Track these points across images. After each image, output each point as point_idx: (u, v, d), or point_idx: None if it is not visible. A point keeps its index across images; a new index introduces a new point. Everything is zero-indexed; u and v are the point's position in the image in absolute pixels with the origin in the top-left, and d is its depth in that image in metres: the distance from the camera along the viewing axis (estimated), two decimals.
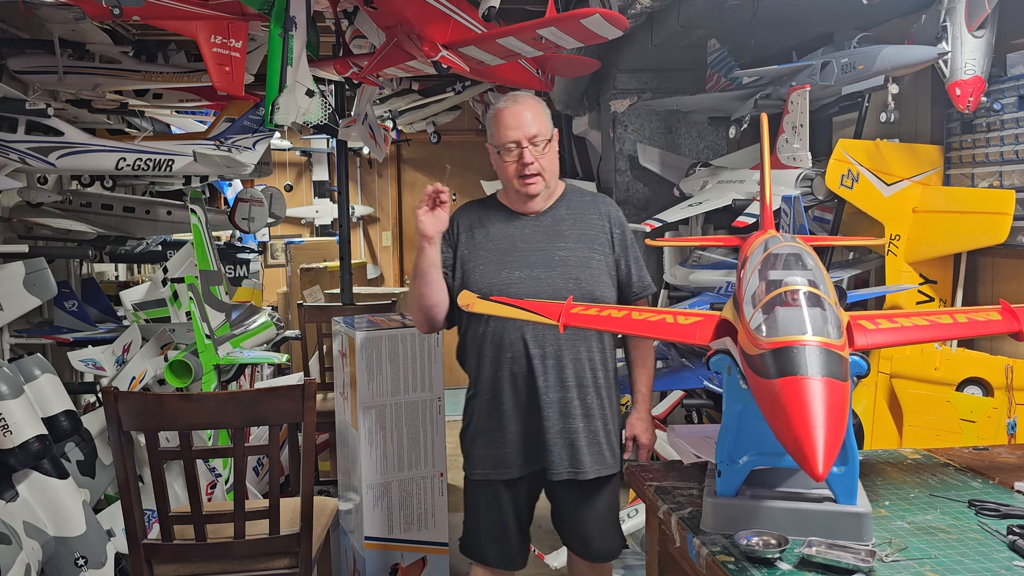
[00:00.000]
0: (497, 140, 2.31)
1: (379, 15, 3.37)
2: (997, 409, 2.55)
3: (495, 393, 2.31)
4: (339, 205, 5.09)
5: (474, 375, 2.37)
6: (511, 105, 2.30)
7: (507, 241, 2.34)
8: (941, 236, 2.82)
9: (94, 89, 3.99)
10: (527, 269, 2.29)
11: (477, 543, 2.43)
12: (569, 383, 2.29)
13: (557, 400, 2.28)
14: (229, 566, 2.35)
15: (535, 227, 2.35)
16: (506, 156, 2.29)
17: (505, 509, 2.37)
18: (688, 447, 1.96)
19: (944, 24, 2.60)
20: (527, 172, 2.27)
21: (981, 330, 1.63)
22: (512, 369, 2.28)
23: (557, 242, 2.33)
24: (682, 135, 4.57)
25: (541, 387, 2.26)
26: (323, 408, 3.66)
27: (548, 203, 2.39)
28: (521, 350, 2.27)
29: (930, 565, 1.33)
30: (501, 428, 2.31)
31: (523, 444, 2.30)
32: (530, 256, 2.31)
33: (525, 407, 2.29)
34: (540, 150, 2.29)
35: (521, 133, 2.26)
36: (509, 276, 2.28)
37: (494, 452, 2.33)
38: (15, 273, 3.60)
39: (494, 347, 2.30)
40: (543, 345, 2.27)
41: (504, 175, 2.33)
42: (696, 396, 3.42)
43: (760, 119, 2.15)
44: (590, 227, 2.38)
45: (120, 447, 2.23)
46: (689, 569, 1.53)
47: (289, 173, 7.98)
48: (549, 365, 2.27)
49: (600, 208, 2.43)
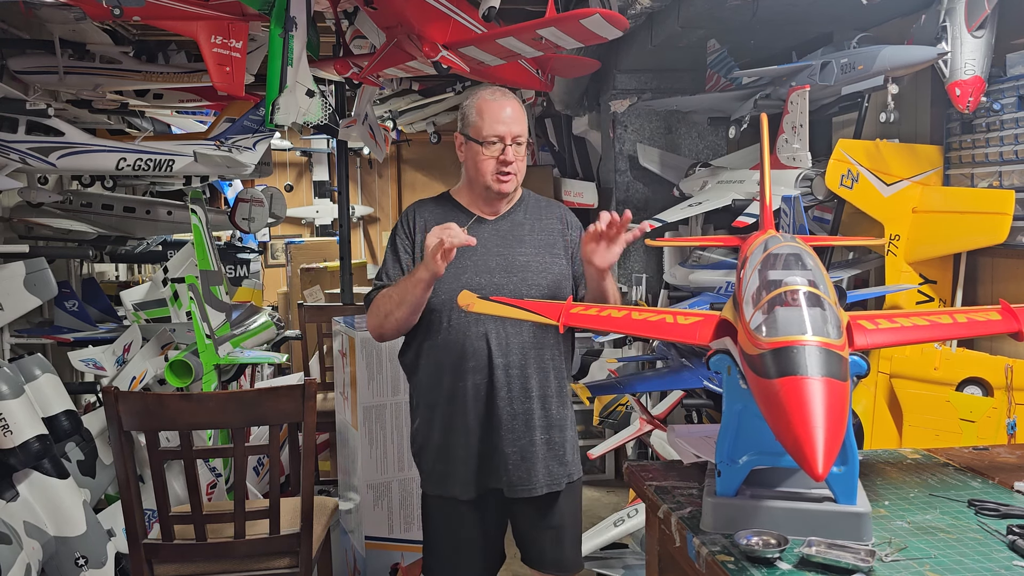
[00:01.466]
0: (480, 132, 2.16)
1: (379, 15, 3.37)
2: (997, 409, 2.55)
3: (453, 404, 2.16)
4: (339, 205, 5.09)
5: (428, 384, 2.21)
6: (499, 99, 2.18)
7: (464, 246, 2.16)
8: (941, 236, 2.82)
9: (94, 89, 3.99)
10: (487, 275, 2.16)
11: (435, 562, 2.27)
12: (532, 394, 2.17)
13: (521, 412, 2.16)
14: (229, 566, 2.35)
15: (493, 231, 2.22)
16: (487, 149, 2.15)
17: (467, 529, 2.22)
18: (688, 447, 1.96)
19: (944, 24, 2.60)
20: (505, 170, 2.16)
21: (981, 330, 1.63)
22: (474, 380, 2.14)
23: (516, 247, 2.21)
24: (682, 135, 4.57)
25: (503, 399, 2.14)
26: (323, 408, 3.66)
27: (507, 207, 2.27)
28: (484, 360, 2.13)
29: (930, 565, 1.33)
30: (459, 443, 2.16)
31: (479, 461, 2.16)
32: (489, 261, 2.18)
33: (484, 420, 2.15)
34: (520, 151, 2.20)
35: (506, 129, 2.14)
36: (470, 281, 2.14)
37: (451, 468, 2.18)
38: (15, 273, 3.60)
39: (455, 355, 2.15)
40: (507, 354, 2.15)
41: (477, 169, 2.18)
42: (696, 396, 3.42)
43: (760, 119, 2.15)
44: (548, 232, 2.27)
45: (120, 447, 2.23)
46: (689, 569, 1.53)
47: (289, 173, 7.98)
48: (513, 375, 2.15)
49: (556, 212, 2.33)
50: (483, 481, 2.18)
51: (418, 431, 2.27)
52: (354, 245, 7.29)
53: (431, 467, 2.23)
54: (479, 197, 2.25)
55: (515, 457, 2.16)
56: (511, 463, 2.15)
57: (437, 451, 2.21)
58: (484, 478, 2.18)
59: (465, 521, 2.22)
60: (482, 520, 2.23)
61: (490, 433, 2.16)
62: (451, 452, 2.18)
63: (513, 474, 2.16)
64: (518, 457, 2.16)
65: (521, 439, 2.16)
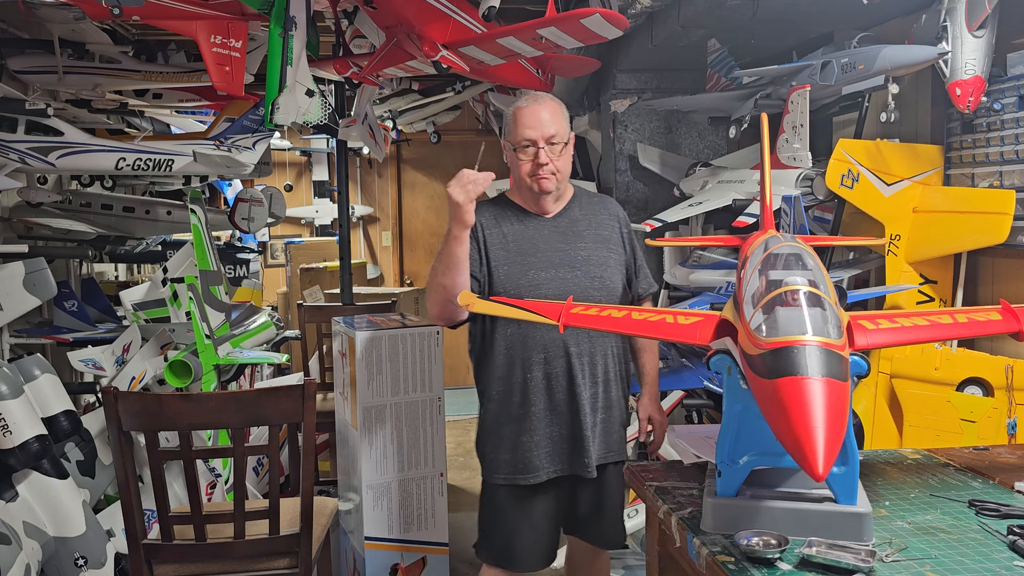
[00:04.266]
0: (514, 138, 2.31)
1: (379, 15, 3.37)
2: (997, 409, 2.55)
3: (525, 395, 2.30)
4: (339, 205, 5.08)
5: (499, 376, 2.34)
6: (531, 104, 2.31)
7: (527, 242, 2.35)
8: (941, 236, 2.82)
9: (94, 89, 3.99)
10: (552, 270, 2.31)
11: (499, 547, 2.39)
12: (598, 378, 2.33)
13: (590, 396, 2.31)
14: (229, 566, 2.35)
15: (553, 228, 2.37)
16: (522, 154, 2.31)
17: (537, 513, 2.36)
18: (688, 447, 1.96)
19: (944, 24, 2.59)
20: (541, 172, 2.29)
21: (981, 330, 1.63)
22: (546, 370, 2.29)
23: (576, 242, 2.37)
24: (682, 135, 4.57)
25: (580, 385, 2.29)
26: (323, 408, 3.66)
27: (561, 205, 2.42)
28: (561, 349, 2.28)
29: (930, 565, 1.33)
30: (530, 431, 2.30)
31: (552, 446, 2.31)
32: (553, 256, 2.33)
33: (561, 407, 2.30)
34: (556, 151, 2.30)
35: (539, 133, 2.27)
36: (536, 277, 2.29)
37: (521, 456, 2.31)
38: (15, 273, 3.60)
39: (528, 348, 2.29)
40: (579, 343, 2.29)
41: (518, 172, 2.35)
42: (696, 396, 3.42)
43: (760, 119, 2.15)
44: (603, 227, 2.43)
45: (120, 447, 2.23)
46: (689, 569, 1.53)
47: (289, 173, 7.98)
48: (584, 362, 2.30)
49: (610, 209, 2.49)
50: (556, 463, 2.32)
51: (489, 421, 2.38)
52: (354, 245, 7.29)
53: (504, 456, 2.34)
54: (528, 198, 2.39)
55: (588, 440, 2.30)
56: (582, 446, 2.29)
57: (510, 440, 2.33)
58: (557, 460, 2.32)
59: (536, 505, 2.35)
60: (552, 502, 2.37)
61: (568, 417, 2.30)
62: (523, 439, 2.30)
63: (583, 456, 2.30)
64: (589, 439, 2.30)
65: (591, 422, 2.31)
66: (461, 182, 2.09)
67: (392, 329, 3.06)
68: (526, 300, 2.02)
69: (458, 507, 4.43)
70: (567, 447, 2.32)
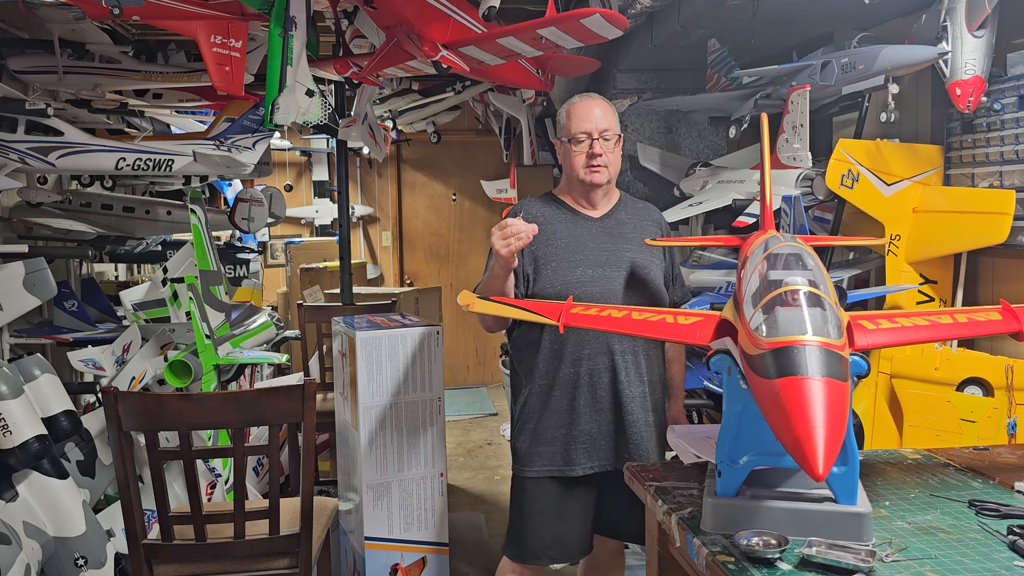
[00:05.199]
0: (568, 131, 2.38)
1: (379, 15, 3.37)
2: (997, 409, 2.55)
3: (570, 389, 2.34)
4: (339, 205, 5.08)
5: (544, 369, 2.38)
6: (584, 100, 2.40)
7: (575, 240, 2.39)
8: (941, 236, 2.82)
9: (94, 89, 3.99)
10: (598, 268, 2.35)
11: (530, 543, 2.42)
12: (645, 379, 2.38)
13: (639, 395, 2.36)
14: (229, 566, 2.35)
15: (600, 228, 2.42)
16: (575, 146, 2.36)
17: (566, 506, 2.40)
18: (688, 447, 1.96)
19: (944, 24, 2.60)
20: (594, 163, 2.35)
21: (981, 330, 1.63)
22: (590, 366, 2.33)
23: (623, 244, 2.41)
24: (682, 135, 4.57)
25: (621, 382, 2.33)
26: (323, 408, 3.66)
27: (608, 205, 2.48)
28: (605, 346, 2.33)
29: (930, 565, 1.33)
30: (572, 425, 2.34)
31: (591, 442, 2.35)
32: (600, 256, 2.37)
33: (604, 404, 2.34)
34: (609, 145, 2.37)
35: (592, 126, 2.34)
36: (584, 274, 2.33)
37: (562, 449, 2.35)
38: (15, 273, 3.60)
39: (575, 344, 2.33)
40: (623, 341, 2.34)
41: (571, 166, 2.39)
42: (696, 396, 3.42)
43: (760, 119, 2.15)
44: (648, 233, 2.48)
45: (120, 447, 2.23)
46: (689, 569, 1.53)
47: (289, 173, 7.98)
48: (629, 361, 2.35)
49: (653, 216, 2.56)
50: (592, 461, 2.36)
51: (533, 415, 2.40)
52: (354, 245, 7.29)
53: (545, 449, 2.37)
54: (579, 194, 2.45)
55: (631, 436, 2.34)
56: (625, 442, 2.34)
57: (551, 432, 2.36)
58: (595, 458, 2.35)
59: (573, 499, 2.39)
60: (593, 496, 2.42)
61: (612, 413, 2.35)
62: (565, 431, 2.35)
63: (623, 452, 2.34)
64: (630, 436, 2.34)
65: (636, 420, 2.35)
66: (505, 235, 2.14)
67: (392, 329, 3.06)
68: (525, 300, 2.03)
69: (458, 507, 4.43)
70: (608, 443, 2.35)
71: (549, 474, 2.38)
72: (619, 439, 2.36)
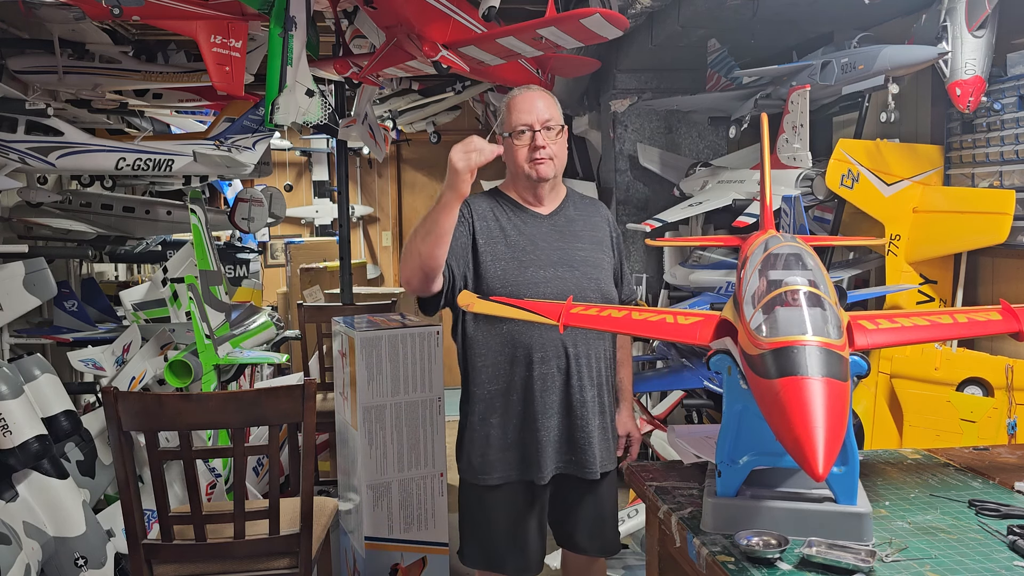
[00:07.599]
0: (509, 124, 2.28)
1: (379, 15, 3.37)
2: (997, 409, 2.55)
3: (525, 393, 2.25)
4: (339, 205, 5.09)
5: (493, 375, 2.28)
6: (524, 92, 2.31)
7: (524, 238, 2.29)
8: (941, 236, 2.82)
9: (94, 89, 3.99)
10: (550, 268, 2.27)
11: (491, 551, 2.34)
12: (594, 381, 2.31)
13: (592, 399, 2.29)
14: (229, 566, 2.35)
15: (550, 226, 2.34)
16: (517, 140, 2.27)
17: (525, 513, 2.32)
18: (688, 447, 1.95)
19: (944, 24, 2.59)
20: (538, 155, 2.25)
21: (981, 330, 1.63)
22: (542, 370, 2.24)
23: (574, 242, 2.33)
24: (682, 135, 4.57)
25: (575, 386, 2.26)
26: (323, 408, 3.66)
27: (556, 201, 2.39)
28: (560, 349, 2.25)
29: (930, 565, 1.33)
30: (532, 429, 2.25)
31: (552, 445, 2.27)
32: (552, 255, 2.29)
33: (558, 407, 2.26)
34: (552, 136, 2.27)
35: (534, 117, 2.25)
36: (535, 275, 2.25)
37: (521, 454, 2.27)
38: (15, 273, 3.60)
39: (526, 345, 2.24)
40: (576, 343, 2.26)
41: (514, 161, 2.29)
42: (696, 396, 3.42)
43: (760, 119, 2.15)
44: (597, 229, 2.41)
45: (120, 447, 2.23)
46: (689, 569, 1.53)
47: (289, 173, 7.98)
48: (582, 364, 2.27)
49: (601, 211, 2.48)
50: (556, 462, 2.28)
51: (476, 421, 2.31)
52: (354, 245, 7.29)
53: (499, 456, 2.28)
54: (524, 189, 2.35)
55: (592, 442, 2.28)
56: (584, 447, 2.27)
57: (507, 438, 2.28)
58: (557, 459, 2.28)
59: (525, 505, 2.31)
60: (544, 502, 2.34)
61: (567, 417, 2.27)
62: (522, 436, 2.27)
63: (585, 456, 2.28)
64: (593, 442, 2.28)
65: (588, 424, 2.28)
66: (466, 148, 1.99)
67: (392, 329, 3.06)
68: (526, 300, 2.02)
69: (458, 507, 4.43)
70: (564, 447, 2.28)
71: (508, 479, 2.28)
72: (576, 443, 2.27)
